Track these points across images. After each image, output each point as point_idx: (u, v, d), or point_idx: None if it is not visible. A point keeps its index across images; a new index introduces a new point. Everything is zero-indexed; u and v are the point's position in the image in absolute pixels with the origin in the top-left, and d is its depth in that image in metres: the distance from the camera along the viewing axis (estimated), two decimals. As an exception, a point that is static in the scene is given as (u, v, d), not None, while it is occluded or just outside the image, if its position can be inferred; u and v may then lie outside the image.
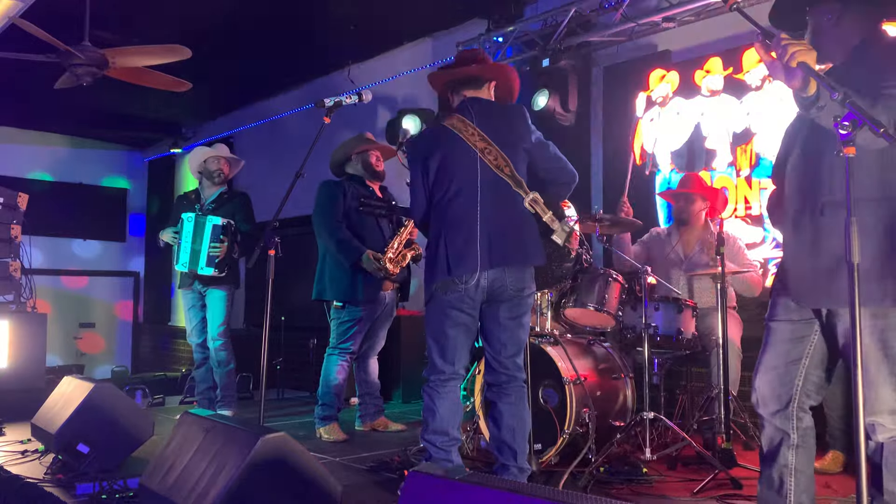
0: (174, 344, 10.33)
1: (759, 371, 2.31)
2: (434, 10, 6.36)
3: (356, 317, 4.48)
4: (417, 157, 3.12)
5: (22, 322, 5.24)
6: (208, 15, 6.28)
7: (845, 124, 1.76)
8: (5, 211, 5.41)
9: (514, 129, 3.07)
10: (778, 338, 2.27)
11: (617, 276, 3.96)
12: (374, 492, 3.29)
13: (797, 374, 2.23)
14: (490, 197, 2.96)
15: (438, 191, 3.02)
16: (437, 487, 1.73)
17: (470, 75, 3.16)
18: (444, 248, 2.94)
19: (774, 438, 2.27)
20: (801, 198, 2.16)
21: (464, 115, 3.06)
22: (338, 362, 4.51)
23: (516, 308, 3.00)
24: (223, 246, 4.88)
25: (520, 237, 2.97)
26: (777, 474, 2.24)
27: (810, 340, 2.23)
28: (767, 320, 2.32)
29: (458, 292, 2.93)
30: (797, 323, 2.23)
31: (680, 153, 5.24)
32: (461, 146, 3.01)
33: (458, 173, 2.99)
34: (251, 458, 2.29)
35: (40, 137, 10.46)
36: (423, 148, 3.12)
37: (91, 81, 5.05)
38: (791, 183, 2.19)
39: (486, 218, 2.94)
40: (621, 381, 3.97)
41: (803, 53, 1.85)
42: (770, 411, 2.26)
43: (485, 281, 2.93)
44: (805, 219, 2.13)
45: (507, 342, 3.00)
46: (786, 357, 2.24)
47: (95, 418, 3.52)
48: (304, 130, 7.83)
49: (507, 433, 2.96)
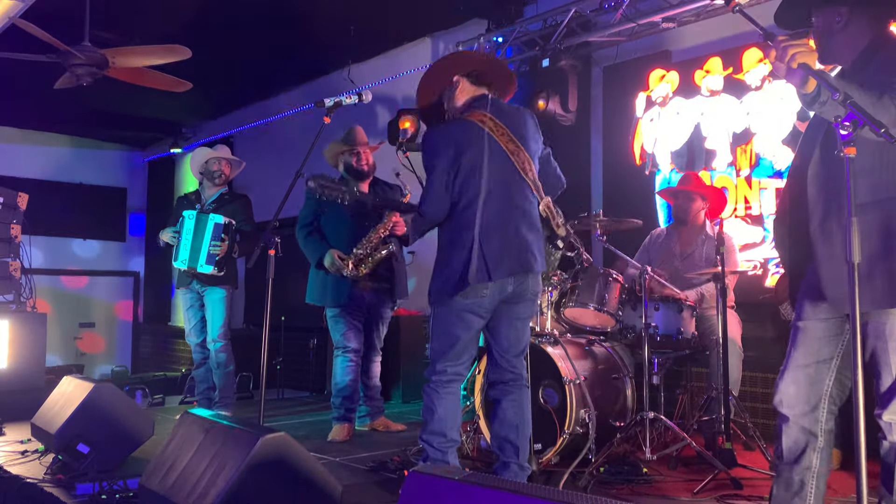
0: (174, 344, 10.33)
1: (786, 370, 2.26)
2: (434, 10, 6.36)
3: (336, 315, 4.49)
4: (445, 151, 2.92)
5: (22, 322, 5.24)
6: (208, 15, 6.28)
7: (846, 124, 1.76)
8: (5, 211, 5.41)
9: (532, 133, 3.07)
10: (809, 336, 2.22)
11: (617, 276, 3.96)
12: (374, 492, 3.29)
13: (828, 374, 2.19)
14: (518, 200, 2.95)
15: (469, 190, 2.89)
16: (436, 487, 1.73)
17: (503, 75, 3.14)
18: (479, 253, 2.83)
19: (800, 440, 2.22)
20: (826, 203, 2.13)
21: (490, 112, 2.98)
22: (341, 362, 4.49)
23: (529, 309, 3.04)
24: (224, 245, 4.87)
25: (538, 242, 2.99)
26: (799, 477, 2.21)
27: (841, 340, 2.19)
28: (795, 321, 2.28)
29: (482, 297, 2.86)
30: (829, 321, 2.20)
31: (680, 153, 5.24)
32: (494, 147, 2.93)
33: (493, 174, 2.91)
34: (251, 458, 2.29)
35: (40, 137, 10.46)
36: (452, 142, 2.94)
37: (91, 81, 5.05)
38: (815, 188, 2.16)
39: (517, 222, 2.92)
40: (621, 381, 3.97)
41: (804, 55, 1.85)
42: (798, 412, 2.21)
43: (511, 286, 2.91)
44: (833, 224, 2.10)
45: (517, 341, 3.02)
46: (816, 356, 2.20)
47: (95, 418, 3.52)
48: (304, 130, 7.83)
49: (510, 430, 2.96)
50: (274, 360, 6.89)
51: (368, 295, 4.52)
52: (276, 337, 7.11)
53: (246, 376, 6.69)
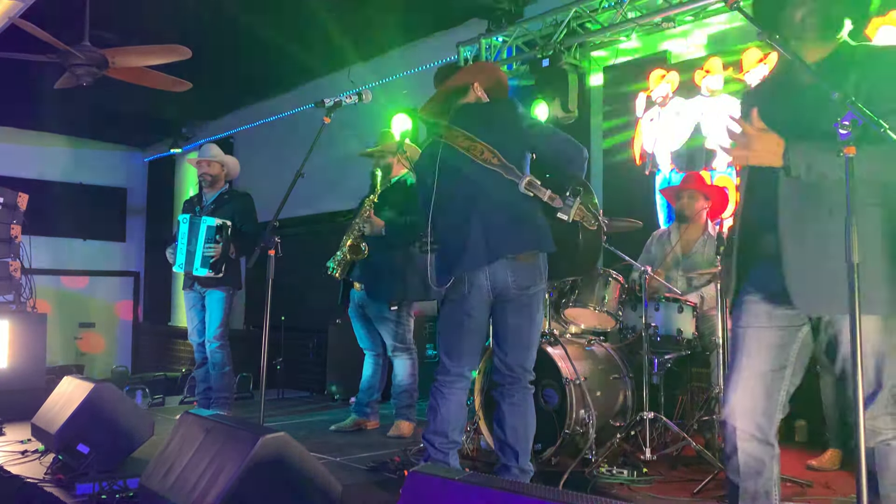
0: (174, 344, 10.33)
1: (738, 379, 2.15)
2: (434, 10, 6.36)
3: (349, 316, 4.76)
4: (422, 179, 3.21)
5: (22, 322, 5.24)
6: (208, 15, 6.28)
7: (845, 124, 1.74)
8: (5, 211, 5.41)
9: (501, 118, 3.06)
10: (764, 344, 2.14)
11: (617, 276, 3.96)
12: (374, 492, 3.29)
13: (782, 384, 2.13)
14: (482, 192, 2.96)
15: (439, 200, 3.06)
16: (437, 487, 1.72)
17: (452, 88, 3.20)
18: (444, 251, 3.00)
19: (757, 454, 2.13)
20: (800, 203, 2.05)
21: (452, 123, 3.11)
22: (366, 359, 4.77)
23: (521, 307, 2.95)
24: (218, 247, 4.85)
25: (518, 225, 2.93)
26: (764, 489, 2.13)
27: (793, 349, 2.13)
28: (743, 327, 2.18)
29: (463, 293, 2.96)
30: (786, 330, 2.13)
31: (680, 153, 5.24)
32: (450, 152, 3.04)
33: (451, 177, 3.02)
34: (251, 458, 2.29)
35: (40, 137, 10.46)
36: (422, 167, 3.21)
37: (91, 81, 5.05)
38: (788, 188, 2.06)
39: (482, 213, 2.93)
40: (621, 381, 3.97)
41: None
42: (753, 426, 2.12)
43: (486, 280, 2.92)
44: (808, 225, 2.03)
45: (512, 344, 2.98)
46: (772, 365, 2.13)
47: (95, 418, 3.52)
48: (304, 130, 7.82)
49: (509, 434, 2.96)
50: (274, 360, 6.89)
51: (358, 295, 4.64)
52: (276, 337, 7.10)
53: (246, 376, 6.69)
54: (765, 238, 2.13)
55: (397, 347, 4.57)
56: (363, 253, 4.44)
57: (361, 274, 4.56)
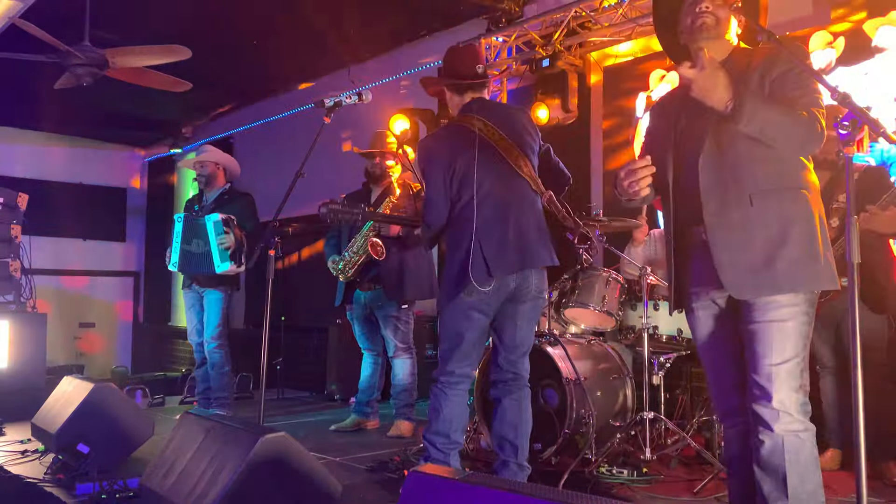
0: (174, 344, 10.33)
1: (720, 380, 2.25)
2: (434, 10, 6.36)
3: (349, 315, 4.75)
4: (439, 158, 2.99)
5: (22, 322, 5.24)
6: (208, 15, 6.28)
7: (845, 124, 1.75)
8: (5, 211, 5.41)
9: (527, 130, 3.08)
10: (721, 340, 2.23)
11: (617, 276, 3.96)
12: (374, 492, 3.29)
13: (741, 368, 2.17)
14: (515, 198, 2.97)
15: (465, 192, 2.94)
16: (437, 487, 1.73)
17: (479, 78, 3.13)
18: (478, 251, 2.86)
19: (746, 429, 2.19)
20: (721, 191, 2.10)
21: (480, 115, 3.02)
22: (365, 359, 4.76)
23: (535, 310, 3.04)
24: (229, 236, 4.74)
25: (542, 238, 2.99)
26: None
27: (734, 330, 2.19)
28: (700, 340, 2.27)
29: (485, 294, 2.88)
30: (723, 319, 2.21)
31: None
32: (486, 147, 2.96)
33: (487, 175, 2.94)
34: (251, 458, 2.29)
35: (40, 137, 10.46)
36: (445, 149, 3.01)
37: (91, 81, 5.06)
38: (708, 177, 2.11)
39: (515, 219, 2.94)
40: (621, 381, 3.97)
41: None
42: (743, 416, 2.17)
43: (513, 283, 2.92)
44: (731, 212, 2.08)
45: (521, 342, 3.02)
46: (735, 356, 2.19)
47: (95, 418, 3.53)
48: (304, 130, 7.82)
49: (509, 430, 2.97)
50: (274, 360, 6.89)
51: (366, 295, 4.59)
52: (276, 337, 7.10)
53: (246, 376, 6.69)
54: (694, 229, 2.20)
55: (399, 347, 4.57)
56: (383, 254, 4.37)
57: (380, 275, 4.47)
